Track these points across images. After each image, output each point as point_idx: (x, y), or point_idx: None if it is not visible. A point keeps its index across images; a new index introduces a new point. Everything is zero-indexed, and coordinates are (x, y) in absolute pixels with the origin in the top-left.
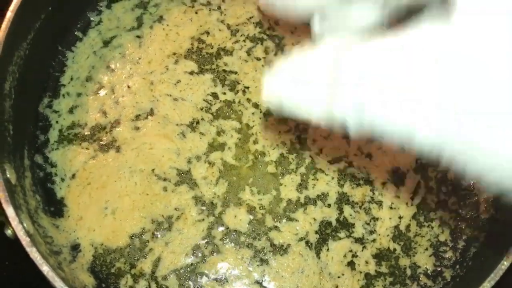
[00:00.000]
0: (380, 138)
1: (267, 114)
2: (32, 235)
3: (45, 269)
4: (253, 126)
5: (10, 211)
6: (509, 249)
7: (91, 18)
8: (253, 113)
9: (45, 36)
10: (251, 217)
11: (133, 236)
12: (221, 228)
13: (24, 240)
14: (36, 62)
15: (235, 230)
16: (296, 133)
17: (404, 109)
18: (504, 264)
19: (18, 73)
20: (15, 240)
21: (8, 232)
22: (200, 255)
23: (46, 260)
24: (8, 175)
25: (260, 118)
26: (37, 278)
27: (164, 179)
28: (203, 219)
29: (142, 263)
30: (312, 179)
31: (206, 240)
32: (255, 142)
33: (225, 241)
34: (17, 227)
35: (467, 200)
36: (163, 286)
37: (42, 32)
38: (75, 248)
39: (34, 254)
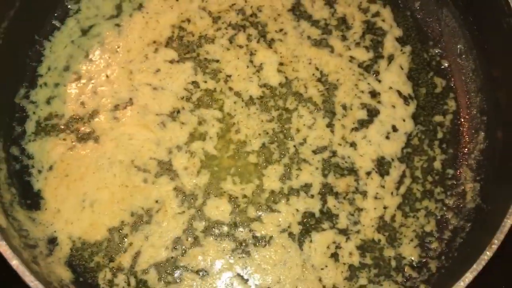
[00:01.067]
0: None
1: (249, 103)
2: (4, 228)
3: (14, 263)
4: (235, 115)
5: None
6: (492, 240)
7: (69, 7)
8: (235, 102)
9: (20, 25)
10: (233, 207)
11: (112, 229)
12: (202, 220)
13: None
14: (11, 52)
15: (217, 222)
16: (279, 122)
17: None
18: (487, 255)
19: None
20: None
21: None
22: (180, 248)
23: (18, 254)
24: None
25: (242, 107)
26: (13, 277)
27: (144, 170)
28: (183, 211)
29: (121, 257)
30: (296, 169)
31: (186, 233)
32: (237, 131)
33: (206, 233)
34: None
35: (453, 189)
36: (143, 280)
37: (17, 20)
38: (52, 241)
39: (3, 248)
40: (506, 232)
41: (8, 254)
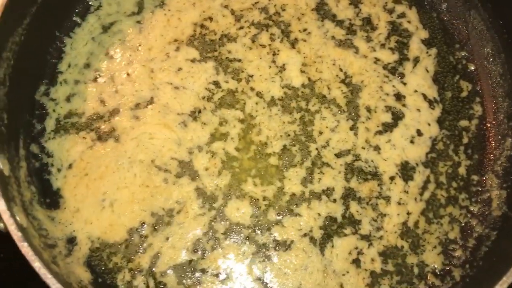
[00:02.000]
0: None
1: (271, 104)
2: (25, 228)
3: (36, 265)
4: (256, 116)
5: (1, 204)
6: None
7: (90, 3)
8: (256, 103)
9: (42, 21)
10: (254, 210)
11: (131, 230)
12: (223, 222)
13: (16, 235)
14: (32, 48)
15: (237, 224)
16: (301, 124)
17: None
18: None
19: (13, 60)
20: (7, 234)
21: (0, 225)
22: (200, 250)
23: (39, 254)
24: (1, 166)
25: (263, 108)
26: (29, 273)
27: (165, 170)
28: (204, 213)
29: (140, 258)
30: (318, 173)
31: (207, 235)
32: (258, 133)
33: (226, 236)
34: (9, 221)
35: (479, 196)
36: (162, 282)
37: (39, 17)
38: (71, 241)
39: (25, 249)
40: None
41: (30, 255)
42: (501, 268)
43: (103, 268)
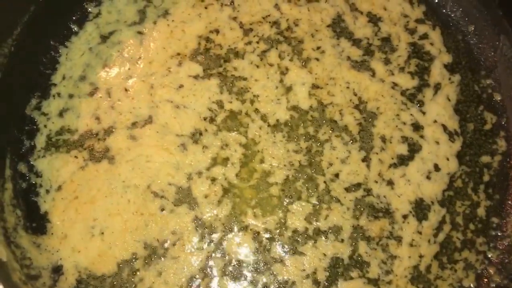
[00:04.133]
0: None
1: (276, 128)
2: (4, 262)
3: None
4: (260, 142)
5: None
6: None
7: (89, 10)
8: (260, 127)
9: (35, 29)
10: (255, 245)
11: (122, 262)
12: (221, 258)
13: None
14: (24, 59)
15: (237, 261)
16: (308, 154)
17: None
18: None
19: (1, 73)
20: None
21: None
22: None
23: None
24: None
25: (267, 133)
26: None
27: (162, 197)
28: (202, 247)
29: None
30: (326, 209)
31: (203, 271)
32: (261, 160)
33: (224, 273)
34: None
35: (498, 241)
36: None
37: (31, 25)
38: (57, 270)
39: None
40: None
41: None
42: None
43: None
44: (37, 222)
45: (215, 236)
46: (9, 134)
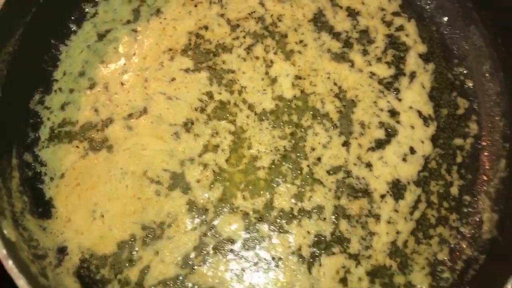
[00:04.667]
0: None
1: (262, 117)
2: (13, 242)
3: (21, 283)
4: (247, 129)
5: None
6: (509, 279)
7: (86, 10)
8: (247, 116)
9: (37, 29)
10: (245, 224)
11: (121, 243)
12: (213, 237)
13: (0, 253)
14: (27, 57)
15: (228, 239)
16: (292, 140)
17: None
18: None
19: (6, 70)
20: None
21: None
22: (190, 265)
23: (26, 268)
24: None
25: (254, 121)
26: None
27: (157, 182)
28: (195, 227)
29: (129, 271)
30: (309, 191)
31: (197, 250)
32: (249, 146)
33: (216, 251)
34: None
35: (470, 218)
36: None
37: (33, 25)
38: (62, 251)
39: (10, 267)
40: None
41: (14, 274)
42: None
43: (92, 279)
44: (43, 207)
45: (208, 217)
46: (15, 127)
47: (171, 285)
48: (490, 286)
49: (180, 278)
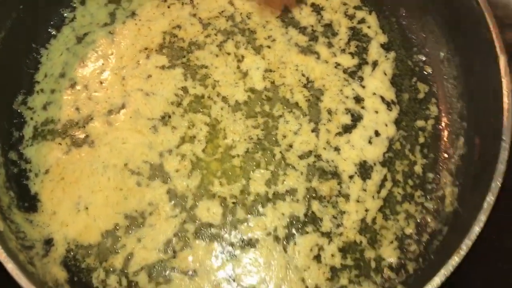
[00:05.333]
0: None
1: (236, 108)
2: (1, 232)
3: (10, 266)
4: (222, 120)
5: None
6: (460, 245)
7: (65, 15)
8: (221, 108)
9: (18, 34)
10: (223, 209)
11: (105, 233)
12: (193, 222)
13: None
14: (9, 60)
15: (207, 224)
16: (265, 129)
17: None
18: (455, 260)
19: None
20: None
21: None
22: (171, 250)
23: (15, 256)
24: None
25: (228, 113)
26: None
27: (138, 174)
28: (176, 215)
29: (114, 259)
30: (282, 175)
31: (178, 235)
32: (224, 136)
33: (196, 236)
34: None
35: (433, 193)
36: (134, 282)
37: (14, 30)
38: (48, 242)
39: None
40: (474, 239)
41: (3, 258)
42: (446, 261)
43: (78, 267)
44: (29, 202)
45: (187, 205)
46: (0, 127)
47: (154, 269)
48: (452, 253)
49: (162, 263)
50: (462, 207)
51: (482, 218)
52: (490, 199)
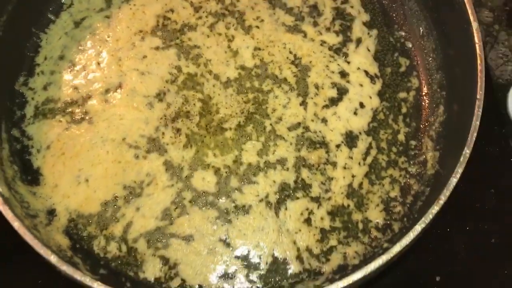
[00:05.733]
0: None
1: (227, 85)
2: (7, 198)
3: (16, 224)
4: (214, 96)
5: None
6: (439, 196)
7: (63, 1)
8: (214, 85)
9: (19, 19)
10: (218, 178)
11: (105, 203)
12: (189, 191)
13: None
14: (11, 44)
15: (203, 192)
16: (255, 104)
17: None
18: (434, 209)
19: None
20: None
21: None
22: (168, 217)
23: (21, 220)
24: None
25: (220, 89)
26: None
27: (135, 147)
28: (172, 184)
29: (114, 227)
30: (273, 146)
31: (175, 203)
32: (217, 111)
33: (192, 203)
34: None
35: (416, 159)
36: (133, 248)
37: (15, 15)
38: (51, 213)
39: (6, 211)
40: (452, 190)
41: (10, 217)
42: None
43: (80, 235)
44: (32, 176)
45: (183, 175)
46: (3, 106)
47: (153, 236)
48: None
49: (160, 229)
50: (442, 168)
51: (459, 170)
52: (466, 152)
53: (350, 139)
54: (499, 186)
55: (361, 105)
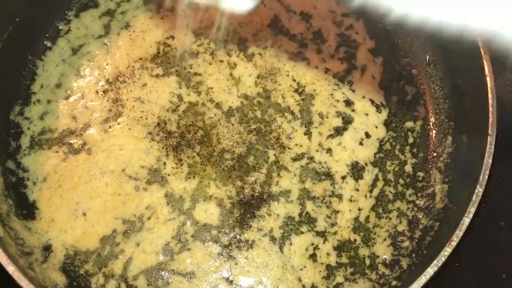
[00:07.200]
0: None
1: (229, 114)
2: (1, 238)
3: (10, 269)
4: (216, 126)
5: None
6: (451, 237)
7: (60, 27)
8: (215, 114)
9: (14, 46)
10: (219, 211)
11: (104, 238)
12: (191, 225)
13: None
14: (6, 72)
15: (205, 225)
16: (258, 134)
17: None
18: (447, 251)
19: None
20: None
21: None
22: (169, 253)
23: (15, 261)
24: None
25: (222, 119)
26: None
27: (135, 179)
28: (174, 218)
29: (113, 264)
30: (276, 177)
31: (176, 238)
32: (218, 141)
33: (195, 238)
34: None
35: (424, 191)
36: (132, 286)
37: (11, 42)
38: (47, 248)
39: (0, 255)
40: (465, 230)
41: (4, 260)
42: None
43: (77, 273)
44: (27, 210)
45: (185, 207)
46: None
47: (153, 273)
48: (444, 245)
49: (161, 266)
50: (452, 203)
51: (472, 210)
52: (478, 191)
53: (356, 170)
54: (510, 220)
55: (367, 135)
